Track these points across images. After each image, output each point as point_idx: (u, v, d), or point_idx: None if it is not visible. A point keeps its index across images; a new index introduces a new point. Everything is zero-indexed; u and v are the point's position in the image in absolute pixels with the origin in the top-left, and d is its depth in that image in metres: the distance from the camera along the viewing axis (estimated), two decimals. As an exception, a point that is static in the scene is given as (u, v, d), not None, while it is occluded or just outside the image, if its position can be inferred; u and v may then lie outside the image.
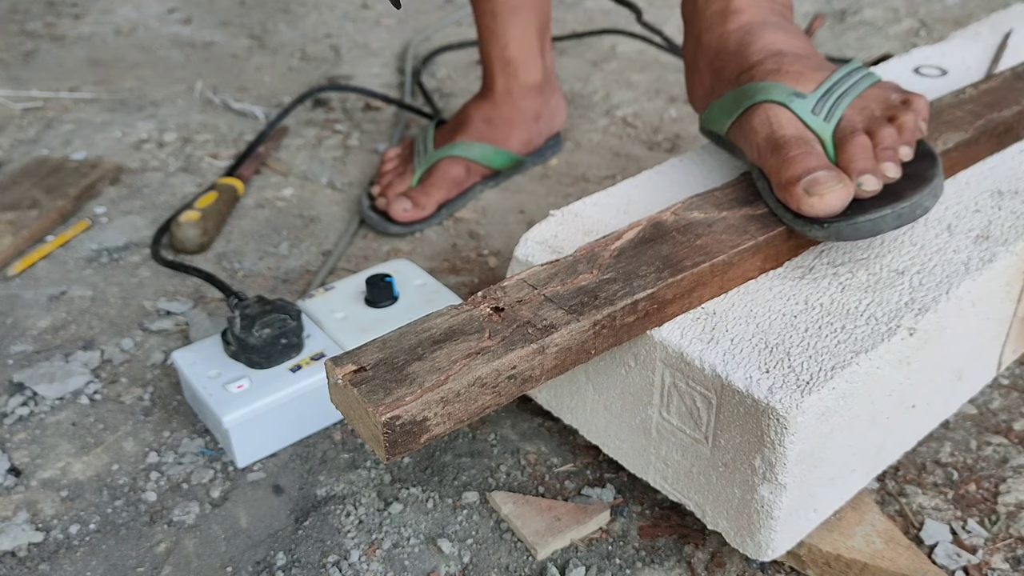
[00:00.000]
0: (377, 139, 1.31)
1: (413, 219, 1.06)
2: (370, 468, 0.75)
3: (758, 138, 0.67)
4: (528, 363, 0.54)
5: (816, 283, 0.64)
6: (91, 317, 0.94)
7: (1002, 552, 0.66)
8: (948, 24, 1.67)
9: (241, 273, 1.01)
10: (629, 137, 1.30)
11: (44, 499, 0.73)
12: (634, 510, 0.71)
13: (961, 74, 0.93)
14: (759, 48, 0.73)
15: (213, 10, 1.83)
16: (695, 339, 0.59)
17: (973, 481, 0.72)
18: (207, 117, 1.38)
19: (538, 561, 0.67)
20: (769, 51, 0.72)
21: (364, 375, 0.51)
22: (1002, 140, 0.79)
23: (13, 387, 0.84)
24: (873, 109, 0.67)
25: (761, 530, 0.59)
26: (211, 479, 0.74)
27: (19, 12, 1.82)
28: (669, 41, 1.51)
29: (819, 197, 0.61)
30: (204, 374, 0.76)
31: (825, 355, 0.57)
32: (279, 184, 1.19)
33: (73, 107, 1.41)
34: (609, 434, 0.68)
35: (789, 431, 0.54)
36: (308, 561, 0.67)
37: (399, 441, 0.50)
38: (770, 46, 0.72)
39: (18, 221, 1.06)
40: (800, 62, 0.70)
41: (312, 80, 1.50)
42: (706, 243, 0.62)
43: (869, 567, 0.62)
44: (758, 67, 0.71)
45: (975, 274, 0.64)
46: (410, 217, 1.06)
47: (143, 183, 1.20)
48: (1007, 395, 0.81)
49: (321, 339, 0.80)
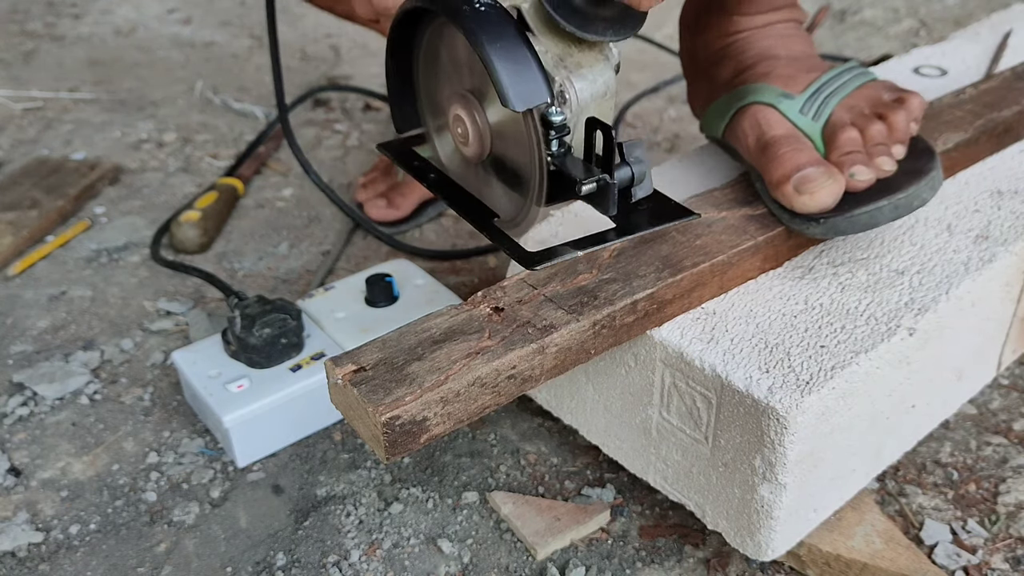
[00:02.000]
0: (376, 139, 1.31)
1: (387, 219, 1.06)
2: (370, 468, 0.75)
3: (749, 140, 0.68)
4: (528, 363, 0.54)
5: (816, 283, 0.64)
6: (91, 317, 0.94)
7: (1002, 552, 0.66)
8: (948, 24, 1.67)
9: (241, 273, 1.01)
10: (628, 137, 1.30)
11: (44, 499, 0.73)
12: (634, 510, 0.71)
13: (961, 74, 0.93)
14: (752, 53, 0.73)
15: (213, 10, 1.83)
16: (695, 339, 0.59)
17: (973, 481, 0.72)
18: (207, 117, 1.38)
19: (538, 561, 0.67)
20: (762, 55, 0.73)
21: (364, 375, 0.51)
22: (1002, 140, 0.79)
23: (13, 387, 0.84)
24: (862, 107, 0.67)
25: (761, 530, 0.59)
26: (211, 479, 0.74)
27: (19, 12, 1.82)
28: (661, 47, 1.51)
29: (810, 195, 0.61)
30: (204, 374, 0.76)
31: (825, 355, 0.58)
32: (279, 184, 1.19)
33: (73, 107, 1.41)
34: (609, 434, 0.68)
35: (789, 431, 0.54)
36: (308, 561, 0.67)
37: (399, 441, 0.50)
38: (763, 51, 0.73)
39: (18, 221, 1.06)
40: (792, 64, 0.70)
41: (312, 80, 1.50)
42: (706, 243, 0.62)
43: (869, 567, 0.62)
44: (749, 71, 0.72)
45: (975, 274, 0.64)
46: (384, 216, 1.06)
47: (143, 183, 1.20)
48: (1007, 395, 0.81)
49: (321, 339, 0.80)
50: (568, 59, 0.53)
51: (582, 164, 0.54)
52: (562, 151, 0.53)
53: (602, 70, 0.54)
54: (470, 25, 0.49)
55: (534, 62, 0.49)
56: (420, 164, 0.63)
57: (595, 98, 0.54)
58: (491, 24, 0.49)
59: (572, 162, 0.54)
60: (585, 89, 0.53)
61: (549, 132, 0.52)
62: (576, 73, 0.53)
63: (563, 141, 0.53)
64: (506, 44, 0.49)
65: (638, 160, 0.54)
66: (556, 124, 0.52)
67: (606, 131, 0.52)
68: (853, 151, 0.63)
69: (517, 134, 0.53)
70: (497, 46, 0.49)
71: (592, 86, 0.53)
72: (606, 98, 0.54)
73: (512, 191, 0.56)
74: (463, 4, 0.50)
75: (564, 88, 0.53)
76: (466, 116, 0.56)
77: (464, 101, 0.56)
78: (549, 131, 0.52)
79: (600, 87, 0.54)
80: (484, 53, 0.48)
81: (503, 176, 0.57)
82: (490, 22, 0.49)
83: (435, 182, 0.62)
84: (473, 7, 0.50)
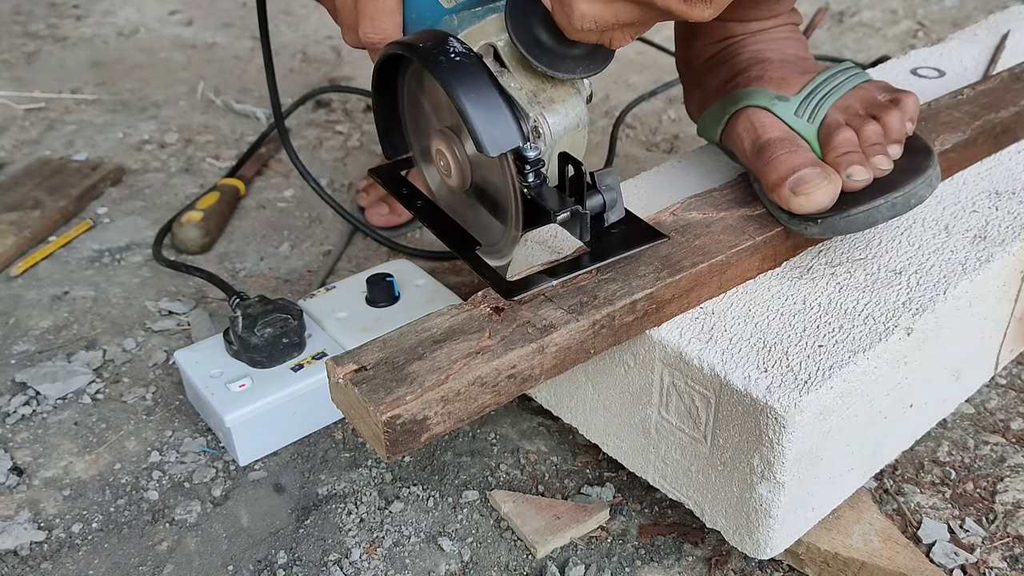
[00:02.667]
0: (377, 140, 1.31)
1: (389, 225, 1.07)
2: (371, 467, 0.75)
3: (744, 143, 0.68)
4: (528, 362, 0.54)
5: (814, 283, 0.65)
6: (93, 317, 0.94)
7: (1000, 551, 0.67)
8: (946, 25, 1.68)
9: (243, 273, 1.01)
10: (628, 138, 1.30)
11: (46, 498, 0.73)
12: (633, 509, 0.71)
13: (959, 75, 0.93)
14: (745, 57, 0.74)
15: (215, 12, 1.83)
16: (694, 339, 0.60)
17: (971, 480, 0.73)
18: (209, 118, 1.38)
19: (538, 559, 0.67)
20: (754, 59, 0.73)
21: (365, 374, 0.52)
22: (999, 141, 0.80)
23: (16, 387, 0.85)
24: (857, 108, 0.67)
25: (760, 528, 0.59)
26: (213, 478, 0.75)
27: (22, 14, 1.82)
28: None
29: (806, 196, 0.61)
30: (206, 373, 0.77)
31: (823, 354, 0.58)
32: (280, 185, 1.19)
33: (75, 108, 1.42)
34: (608, 433, 0.69)
35: (787, 430, 0.54)
36: (309, 560, 0.67)
37: (400, 440, 0.50)
38: (756, 54, 0.73)
39: (20, 221, 1.06)
40: (785, 67, 0.71)
41: (313, 81, 1.51)
42: (704, 243, 0.63)
43: (867, 566, 0.63)
44: (743, 74, 0.72)
45: (972, 274, 0.65)
46: (386, 223, 1.06)
47: (145, 184, 1.20)
48: (1004, 394, 0.81)
49: (322, 338, 0.81)
50: (541, 95, 0.56)
51: (557, 194, 0.57)
52: (538, 182, 0.56)
53: (574, 104, 0.57)
54: (446, 76, 0.52)
55: (506, 108, 0.53)
56: (409, 192, 0.66)
57: (568, 130, 0.57)
58: (465, 74, 0.52)
59: (548, 192, 0.57)
60: (558, 123, 0.56)
61: (524, 166, 0.55)
62: (549, 108, 0.56)
63: (539, 172, 0.56)
64: (480, 92, 0.52)
65: (609, 188, 0.57)
66: (531, 159, 0.55)
67: (576, 166, 0.55)
68: (849, 151, 0.63)
69: (495, 167, 0.56)
70: (472, 95, 0.52)
71: (565, 120, 0.56)
72: (578, 129, 0.57)
73: (494, 218, 0.59)
74: (440, 54, 0.53)
75: (538, 123, 0.56)
76: (447, 150, 0.59)
77: (444, 137, 0.59)
78: (524, 165, 0.55)
79: (572, 120, 0.57)
80: (459, 102, 0.52)
81: (486, 203, 0.60)
82: (465, 71, 0.52)
83: (422, 209, 0.65)
84: (449, 57, 0.53)
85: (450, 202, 0.65)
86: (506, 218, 0.57)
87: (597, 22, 0.50)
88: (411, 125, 0.64)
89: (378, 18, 0.60)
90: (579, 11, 0.49)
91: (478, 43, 0.56)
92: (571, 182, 0.56)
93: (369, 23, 0.60)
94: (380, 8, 0.59)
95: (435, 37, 0.54)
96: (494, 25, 0.56)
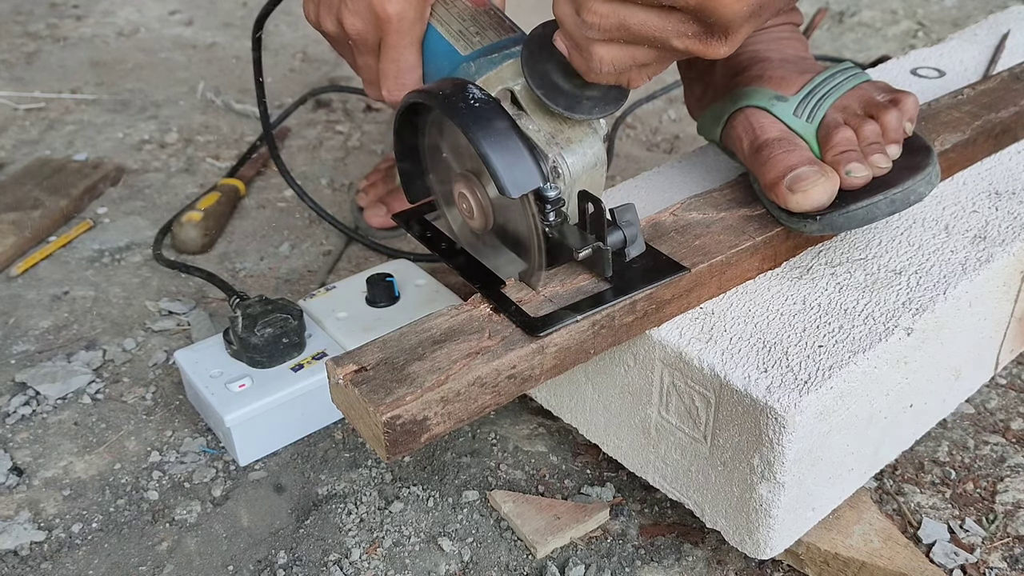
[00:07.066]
0: (378, 140, 1.31)
1: (387, 226, 1.07)
2: (371, 467, 0.75)
3: (743, 143, 0.68)
4: (528, 363, 0.54)
5: (814, 283, 0.65)
6: (93, 317, 0.94)
7: (1000, 551, 0.67)
8: (946, 26, 1.68)
9: (243, 273, 1.01)
10: (628, 138, 1.30)
11: (46, 498, 0.73)
12: (633, 509, 0.71)
13: (959, 75, 0.93)
14: (744, 57, 0.74)
15: (215, 12, 1.83)
16: (694, 339, 0.60)
17: (971, 480, 0.73)
18: (209, 118, 1.38)
19: (538, 559, 0.67)
20: (754, 58, 0.73)
21: (365, 375, 0.52)
22: (999, 141, 0.80)
23: (16, 387, 0.85)
24: (855, 108, 0.67)
25: (760, 528, 0.59)
26: (213, 478, 0.75)
27: (22, 14, 1.82)
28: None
29: (803, 193, 0.61)
30: (206, 373, 0.77)
31: (823, 355, 0.58)
32: (280, 185, 1.19)
33: (75, 108, 1.42)
34: (609, 433, 0.69)
35: (787, 430, 0.54)
36: (309, 559, 0.67)
37: (400, 440, 0.50)
38: (755, 54, 0.73)
39: (21, 221, 1.06)
40: (784, 67, 0.71)
41: (313, 81, 1.51)
42: (704, 243, 0.63)
43: (867, 566, 0.63)
44: (742, 74, 0.72)
45: (972, 274, 0.65)
46: (384, 224, 1.07)
47: (145, 184, 1.20)
48: (1004, 394, 0.81)
49: (322, 339, 0.81)
50: (559, 135, 0.57)
51: (578, 231, 0.58)
52: (559, 220, 0.57)
53: (591, 143, 0.58)
54: (466, 122, 0.53)
55: (526, 150, 0.53)
56: (432, 235, 0.68)
57: (586, 169, 0.58)
58: (485, 119, 0.53)
59: (569, 230, 0.58)
60: (577, 163, 0.57)
61: (545, 206, 0.56)
62: (567, 149, 0.57)
63: (560, 211, 0.57)
64: (500, 136, 0.53)
65: (629, 223, 0.58)
66: (551, 199, 0.56)
67: (596, 203, 0.56)
68: (848, 150, 0.63)
69: (516, 208, 0.56)
70: (492, 139, 0.53)
71: (583, 159, 0.57)
72: (596, 167, 0.58)
73: (518, 257, 0.60)
74: (459, 101, 0.54)
75: (557, 163, 0.57)
76: (469, 193, 0.60)
77: (466, 180, 0.60)
78: (545, 205, 0.56)
79: (591, 159, 0.58)
80: (480, 147, 0.53)
81: (508, 243, 0.61)
82: (484, 117, 0.53)
83: (447, 251, 0.66)
84: (468, 103, 0.54)
85: (473, 243, 0.66)
86: (529, 257, 0.58)
87: (615, 65, 0.50)
88: (433, 170, 0.65)
89: (401, 76, 0.62)
90: (597, 55, 0.50)
91: (496, 88, 0.58)
92: (591, 219, 0.57)
93: (393, 82, 0.62)
94: (402, 67, 0.62)
95: (454, 84, 0.55)
96: (510, 70, 0.57)
